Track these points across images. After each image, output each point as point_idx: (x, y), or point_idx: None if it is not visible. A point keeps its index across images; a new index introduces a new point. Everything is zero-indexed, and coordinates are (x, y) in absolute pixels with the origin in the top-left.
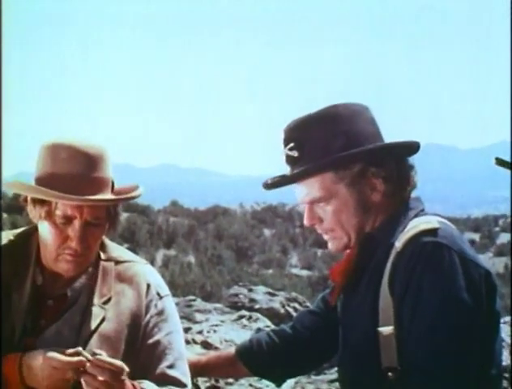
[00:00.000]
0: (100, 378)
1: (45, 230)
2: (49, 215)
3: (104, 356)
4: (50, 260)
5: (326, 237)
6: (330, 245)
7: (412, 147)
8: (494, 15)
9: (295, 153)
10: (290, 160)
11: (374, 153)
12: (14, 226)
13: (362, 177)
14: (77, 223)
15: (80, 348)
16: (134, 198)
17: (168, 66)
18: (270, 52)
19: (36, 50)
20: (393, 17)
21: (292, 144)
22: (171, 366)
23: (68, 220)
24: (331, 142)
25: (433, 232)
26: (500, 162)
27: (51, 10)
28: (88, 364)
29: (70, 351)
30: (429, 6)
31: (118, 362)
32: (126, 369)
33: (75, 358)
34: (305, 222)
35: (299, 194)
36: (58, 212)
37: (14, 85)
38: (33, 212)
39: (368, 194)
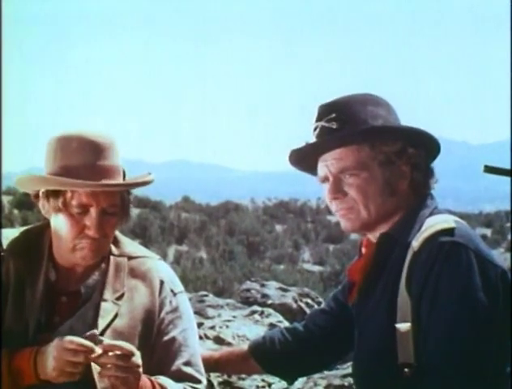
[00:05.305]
0: (110, 363)
1: (61, 222)
2: (65, 206)
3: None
4: (66, 252)
5: (341, 213)
6: (344, 222)
7: (436, 147)
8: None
9: (334, 125)
10: (326, 133)
11: (415, 134)
12: (25, 222)
13: (398, 157)
14: (93, 211)
15: (96, 331)
16: (147, 182)
17: (180, 61)
18: (283, 45)
19: (40, 48)
20: (398, 13)
21: (332, 115)
22: (186, 363)
23: (84, 209)
24: (372, 121)
25: (450, 231)
26: (489, 169)
27: (52, 8)
28: (97, 348)
29: (86, 334)
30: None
31: (127, 345)
32: (136, 352)
33: (89, 342)
34: (329, 195)
35: (328, 166)
36: (74, 202)
37: (22, 82)
38: (47, 207)
39: (396, 179)
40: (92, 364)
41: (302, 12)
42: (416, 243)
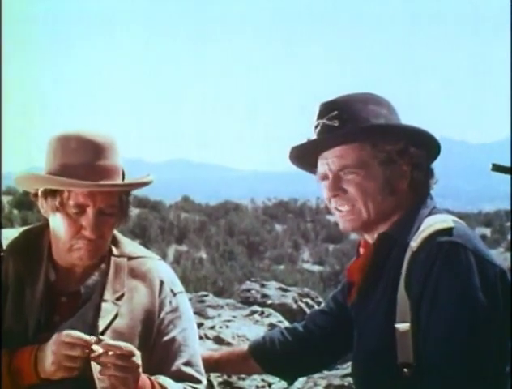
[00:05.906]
0: (110, 362)
1: (58, 222)
2: (62, 206)
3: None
4: (63, 252)
5: (340, 214)
6: (344, 223)
7: (436, 147)
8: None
9: (335, 122)
10: (327, 130)
11: (417, 133)
12: (24, 222)
13: (400, 157)
14: (90, 211)
15: (101, 337)
16: (146, 183)
17: (180, 61)
18: (283, 45)
19: (40, 48)
20: (399, 13)
21: (334, 113)
22: (186, 363)
23: (81, 209)
24: (374, 119)
25: (448, 231)
26: (497, 168)
27: (52, 8)
28: (98, 346)
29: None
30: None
31: (127, 345)
32: (136, 352)
33: (87, 336)
34: (329, 193)
35: (329, 164)
36: (71, 202)
37: (22, 81)
38: (45, 206)
39: (397, 178)
40: (92, 363)
41: (302, 12)
42: (414, 243)
